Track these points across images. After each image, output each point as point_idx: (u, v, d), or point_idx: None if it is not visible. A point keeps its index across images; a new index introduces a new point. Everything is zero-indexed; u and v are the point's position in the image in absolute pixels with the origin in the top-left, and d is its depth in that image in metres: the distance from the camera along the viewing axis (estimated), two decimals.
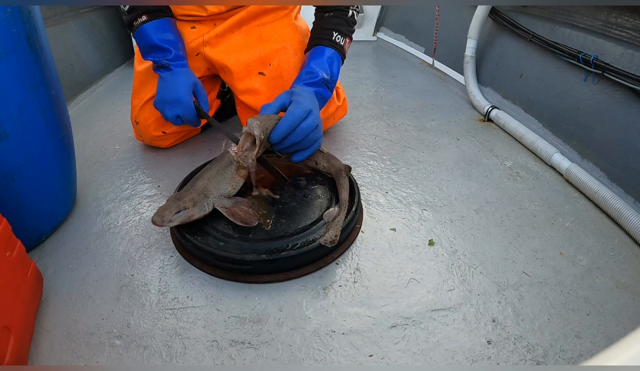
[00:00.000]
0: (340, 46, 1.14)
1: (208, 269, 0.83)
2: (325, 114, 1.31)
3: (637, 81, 1.01)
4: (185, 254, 0.87)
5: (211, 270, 0.83)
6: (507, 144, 1.36)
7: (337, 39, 1.14)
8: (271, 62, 1.22)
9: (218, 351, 0.68)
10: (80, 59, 1.91)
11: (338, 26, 1.14)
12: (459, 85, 1.85)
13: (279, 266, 0.82)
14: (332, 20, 1.15)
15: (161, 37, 1.09)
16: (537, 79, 1.42)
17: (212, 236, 0.86)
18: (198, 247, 0.83)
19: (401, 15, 2.62)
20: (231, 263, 0.81)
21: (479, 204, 1.04)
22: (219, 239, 0.85)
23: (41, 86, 0.84)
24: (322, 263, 0.85)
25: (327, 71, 1.09)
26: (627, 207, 0.95)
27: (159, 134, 1.26)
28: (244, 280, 0.81)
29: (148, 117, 1.23)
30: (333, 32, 1.14)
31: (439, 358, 0.67)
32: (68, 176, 0.98)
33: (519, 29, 1.48)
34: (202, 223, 0.88)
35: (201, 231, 0.87)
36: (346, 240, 0.91)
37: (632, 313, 0.75)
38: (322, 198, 0.97)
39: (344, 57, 1.17)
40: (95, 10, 2.20)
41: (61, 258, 0.88)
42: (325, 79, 1.08)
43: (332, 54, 1.13)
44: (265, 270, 0.82)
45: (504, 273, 0.83)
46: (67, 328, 0.72)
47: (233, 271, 0.82)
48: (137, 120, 1.25)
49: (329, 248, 0.83)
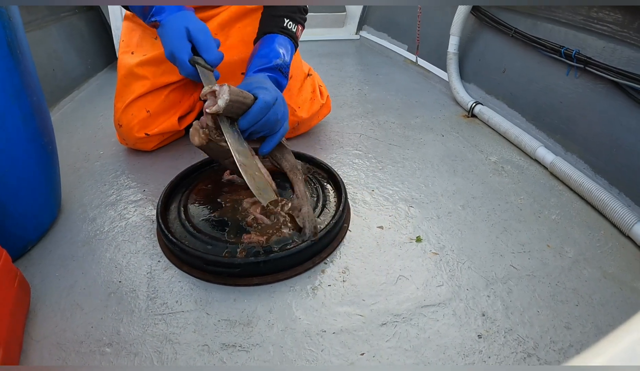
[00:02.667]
0: (292, 32, 1.12)
1: (196, 273, 0.83)
2: (309, 112, 1.31)
3: (618, 74, 1.03)
4: (173, 258, 0.87)
5: (199, 274, 0.83)
6: (492, 139, 1.37)
7: (288, 25, 1.11)
8: None
9: (209, 355, 0.68)
10: (62, 64, 1.89)
11: (290, 13, 1.12)
12: (442, 82, 1.86)
13: (268, 268, 0.81)
14: (286, 8, 1.12)
15: None
16: (520, 75, 1.43)
17: (200, 239, 0.86)
18: (185, 251, 0.82)
19: (384, 13, 2.62)
20: (219, 266, 0.81)
21: (465, 200, 1.05)
22: (206, 242, 0.85)
23: (22, 92, 0.83)
24: (310, 263, 0.85)
25: (279, 56, 1.07)
26: (612, 198, 0.96)
27: (142, 136, 1.24)
28: (233, 283, 0.81)
29: (131, 119, 1.22)
30: (284, 19, 1.11)
31: (430, 353, 0.67)
32: (52, 182, 0.97)
33: (501, 25, 1.49)
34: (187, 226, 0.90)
35: (188, 234, 0.88)
36: (334, 240, 0.91)
37: (620, 302, 0.76)
38: (310, 198, 0.97)
39: (296, 45, 1.15)
40: (76, 13, 2.17)
41: (48, 266, 0.87)
42: (279, 64, 1.06)
43: (283, 40, 1.10)
44: (254, 273, 0.81)
45: (492, 267, 0.84)
46: (57, 337, 0.71)
47: (221, 274, 0.82)
48: (120, 123, 1.24)
49: (318, 248, 0.84)
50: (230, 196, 1.00)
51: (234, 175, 1.05)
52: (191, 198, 1.00)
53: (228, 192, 1.01)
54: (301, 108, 1.31)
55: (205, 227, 0.90)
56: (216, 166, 1.12)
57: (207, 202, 0.99)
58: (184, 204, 0.97)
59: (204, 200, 0.99)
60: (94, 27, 2.31)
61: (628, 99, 1.03)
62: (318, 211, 0.96)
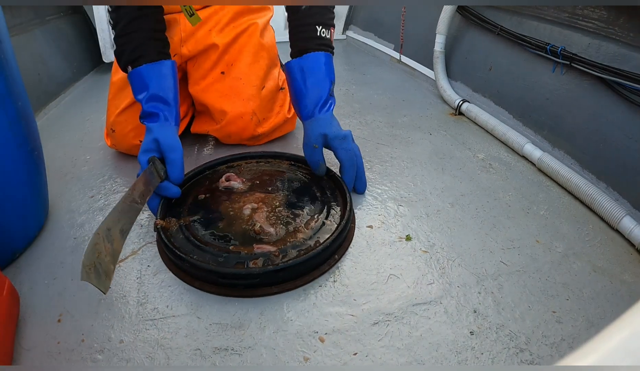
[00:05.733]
0: (328, 40, 1.08)
1: (209, 288, 0.80)
2: (272, 124, 1.31)
3: (604, 70, 1.04)
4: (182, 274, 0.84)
5: (214, 289, 0.80)
6: (479, 136, 1.37)
7: (322, 33, 1.06)
8: (233, 63, 1.24)
9: (202, 359, 0.67)
10: (48, 68, 1.87)
11: (319, 17, 1.06)
12: (429, 80, 1.86)
13: (285, 275, 0.79)
14: (312, 11, 1.06)
15: None
16: (506, 72, 1.44)
17: (210, 253, 0.84)
18: (197, 266, 0.80)
19: (370, 13, 2.62)
20: (236, 279, 0.79)
21: (454, 197, 1.05)
22: (216, 255, 0.83)
23: (7, 98, 0.82)
24: (326, 266, 0.84)
25: (330, 85, 1.06)
26: (600, 193, 0.97)
27: (137, 143, 1.22)
28: (251, 295, 0.79)
29: (125, 125, 1.21)
30: (316, 27, 1.05)
31: (423, 352, 0.67)
32: (39, 189, 0.96)
33: (487, 23, 1.50)
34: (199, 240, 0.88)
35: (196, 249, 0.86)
36: (346, 240, 0.91)
37: (611, 295, 0.77)
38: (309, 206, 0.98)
39: (333, 52, 1.10)
40: (61, 17, 2.15)
41: (36, 274, 0.86)
42: (331, 89, 1.06)
43: (325, 58, 1.06)
44: (272, 282, 0.79)
45: (482, 264, 0.84)
46: (47, 346, 0.70)
47: (237, 287, 0.79)
48: (113, 128, 1.22)
49: (333, 249, 0.85)
50: (231, 204, 0.98)
51: (230, 182, 1.04)
52: (191, 211, 0.97)
53: (227, 200, 1.00)
54: (266, 120, 1.30)
55: (213, 240, 0.88)
56: (209, 174, 1.11)
57: (209, 213, 0.96)
58: (184, 216, 0.95)
59: (204, 211, 0.96)
60: (79, 30, 2.29)
61: (614, 94, 1.04)
62: (319, 210, 0.95)
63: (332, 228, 0.90)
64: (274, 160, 1.17)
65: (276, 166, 1.15)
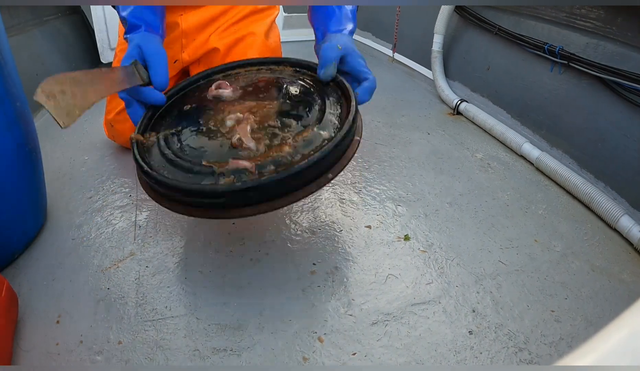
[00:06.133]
0: None
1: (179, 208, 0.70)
2: None
3: (602, 69, 1.04)
4: (152, 193, 0.74)
5: (182, 209, 0.70)
6: (477, 136, 1.37)
7: None
8: None
9: (201, 360, 0.67)
10: (46, 68, 1.86)
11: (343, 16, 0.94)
12: (427, 80, 1.86)
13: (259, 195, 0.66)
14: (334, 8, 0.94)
15: None
16: (504, 72, 1.44)
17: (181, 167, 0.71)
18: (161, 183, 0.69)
19: (367, 12, 2.62)
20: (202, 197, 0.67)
21: (452, 197, 1.05)
22: (187, 170, 0.71)
23: (5, 98, 0.82)
24: (314, 186, 0.68)
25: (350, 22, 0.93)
26: (598, 192, 0.97)
27: None
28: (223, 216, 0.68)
29: (125, 123, 1.21)
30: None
31: (422, 351, 0.67)
32: (37, 190, 0.96)
33: (485, 22, 1.50)
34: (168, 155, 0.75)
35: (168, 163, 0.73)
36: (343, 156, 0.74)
37: (609, 294, 0.77)
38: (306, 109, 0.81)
39: None
40: (59, 17, 2.15)
41: (35, 275, 0.86)
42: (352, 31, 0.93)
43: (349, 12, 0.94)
44: (244, 202, 0.66)
45: (480, 264, 0.85)
46: (46, 347, 0.70)
47: (204, 206, 0.68)
48: (112, 123, 1.23)
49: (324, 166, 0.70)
50: (215, 114, 0.83)
51: (219, 90, 0.89)
52: (172, 123, 0.83)
53: (213, 110, 0.84)
54: None
55: (185, 154, 0.74)
56: (203, 84, 0.95)
57: (190, 125, 0.81)
58: (165, 129, 0.82)
59: (186, 123, 0.82)
60: (77, 30, 2.29)
61: (612, 94, 1.04)
62: (317, 121, 0.76)
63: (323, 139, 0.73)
64: (277, 67, 0.97)
65: (277, 72, 0.95)
